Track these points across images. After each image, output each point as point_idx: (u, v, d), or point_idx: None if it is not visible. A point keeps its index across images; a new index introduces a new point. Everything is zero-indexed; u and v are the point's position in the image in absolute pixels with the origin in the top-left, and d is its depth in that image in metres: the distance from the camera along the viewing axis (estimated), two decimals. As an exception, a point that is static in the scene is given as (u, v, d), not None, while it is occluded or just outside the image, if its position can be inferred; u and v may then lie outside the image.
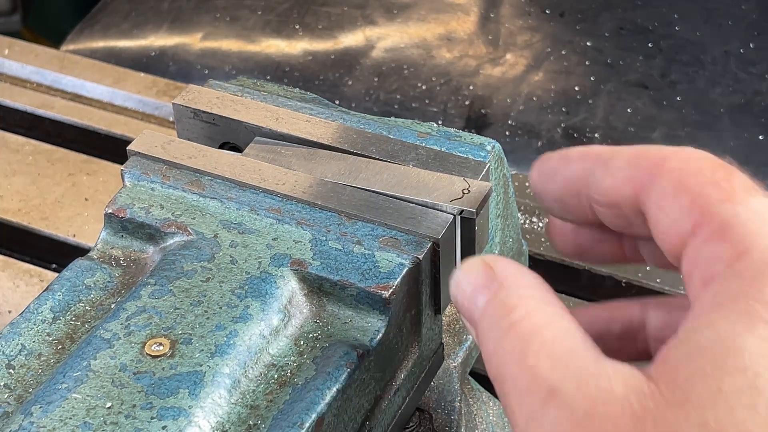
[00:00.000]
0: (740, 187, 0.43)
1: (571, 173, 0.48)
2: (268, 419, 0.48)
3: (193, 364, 0.49)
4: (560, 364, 0.41)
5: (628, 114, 1.05)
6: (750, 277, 0.40)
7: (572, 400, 0.40)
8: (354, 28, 1.16)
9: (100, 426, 0.47)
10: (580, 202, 0.48)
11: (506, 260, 0.47)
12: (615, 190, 0.46)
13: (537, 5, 1.17)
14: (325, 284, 0.52)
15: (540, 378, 0.41)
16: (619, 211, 0.47)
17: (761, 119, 1.03)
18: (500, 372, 0.43)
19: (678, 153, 0.45)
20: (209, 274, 0.53)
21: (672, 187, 0.44)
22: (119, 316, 0.51)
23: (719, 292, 0.41)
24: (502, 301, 0.44)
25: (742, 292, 0.40)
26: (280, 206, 0.55)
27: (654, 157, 0.45)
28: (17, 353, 0.51)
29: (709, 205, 0.42)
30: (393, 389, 0.54)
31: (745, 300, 0.39)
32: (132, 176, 0.58)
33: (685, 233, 0.43)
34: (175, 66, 1.16)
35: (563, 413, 0.40)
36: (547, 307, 0.44)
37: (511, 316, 0.44)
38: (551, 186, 0.49)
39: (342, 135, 0.59)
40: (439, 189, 0.55)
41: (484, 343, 0.45)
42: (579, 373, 0.40)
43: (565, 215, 0.50)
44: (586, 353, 0.42)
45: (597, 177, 0.47)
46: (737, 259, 0.41)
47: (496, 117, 1.05)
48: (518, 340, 0.43)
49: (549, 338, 0.42)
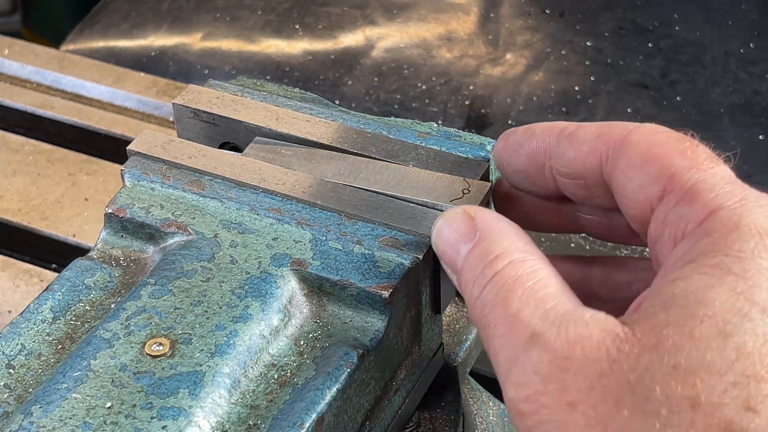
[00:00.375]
0: (704, 156, 0.46)
1: (536, 146, 0.51)
2: (268, 419, 0.48)
3: (193, 364, 0.49)
4: (541, 310, 0.44)
5: (628, 114, 1.05)
6: (719, 235, 0.43)
7: (552, 343, 0.42)
8: (354, 28, 1.16)
9: (100, 426, 0.47)
10: (542, 174, 0.51)
11: (487, 210, 0.50)
12: (580, 161, 0.49)
13: (537, 5, 1.17)
14: (325, 284, 0.52)
15: (522, 323, 0.44)
16: (582, 182, 0.50)
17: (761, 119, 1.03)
18: (484, 318, 0.45)
19: (641, 127, 0.48)
20: (209, 274, 0.53)
21: (640, 157, 0.47)
22: (119, 316, 0.51)
23: (691, 249, 0.43)
24: (484, 250, 0.47)
25: (712, 247, 0.43)
26: (280, 206, 0.55)
27: (618, 131, 0.48)
28: (17, 353, 0.51)
29: (677, 173, 0.46)
30: (393, 389, 0.54)
31: (715, 255, 0.42)
32: (132, 176, 0.58)
33: (652, 198, 0.46)
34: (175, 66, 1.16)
35: (544, 356, 0.42)
36: (528, 256, 0.46)
37: (493, 265, 0.46)
38: (516, 158, 0.52)
39: (342, 135, 0.59)
40: (439, 189, 0.55)
41: (467, 291, 0.47)
42: (559, 319, 0.43)
43: (527, 187, 0.53)
44: (565, 300, 0.44)
45: (562, 149, 0.50)
46: (706, 219, 0.44)
47: (496, 117, 1.05)
48: (500, 288, 0.45)
49: (530, 286, 0.45)
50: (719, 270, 0.42)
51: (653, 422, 0.39)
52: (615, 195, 0.49)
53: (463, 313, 0.63)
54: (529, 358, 0.43)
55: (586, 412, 0.41)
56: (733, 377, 0.39)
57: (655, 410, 0.39)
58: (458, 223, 0.49)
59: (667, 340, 0.40)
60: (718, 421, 0.39)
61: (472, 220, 0.49)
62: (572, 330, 0.42)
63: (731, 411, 0.39)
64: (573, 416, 0.41)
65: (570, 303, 0.44)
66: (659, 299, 0.42)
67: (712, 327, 0.40)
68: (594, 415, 0.40)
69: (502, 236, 0.48)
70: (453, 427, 0.59)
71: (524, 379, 0.42)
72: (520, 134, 0.53)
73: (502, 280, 0.45)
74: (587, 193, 0.51)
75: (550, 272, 0.46)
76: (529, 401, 0.42)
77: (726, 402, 0.39)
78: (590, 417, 0.40)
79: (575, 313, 0.43)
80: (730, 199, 0.44)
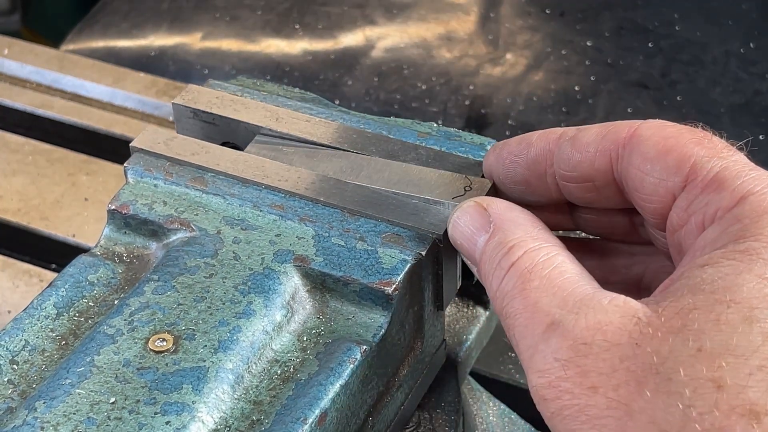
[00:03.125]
0: (721, 145, 0.47)
1: (535, 154, 0.52)
2: (271, 414, 0.48)
3: (197, 360, 0.49)
4: (558, 298, 0.44)
5: (628, 114, 1.05)
6: (749, 220, 0.43)
7: (571, 330, 0.43)
8: (354, 28, 1.16)
9: (104, 421, 0.47)
10: (544, 182, 0.52)
11: (498, 200, 0.50)
12: (587, 163, 0.49)
13: (537, 5, 1.17)
14: (328, 280, 0.52)
15: (541, 312, 0.44)
16: (591, 185, 0.50)
17: (761, 119, 1.03)
18: (505, 309, 0.46)
19: (649, 122, 0.48)
20: (212, 270, 0.53)
21: (655, 150, 0.47)
22: (122, 312, 0.51)
23: (721, 235, 0.44)
24: (500, 241, 0.48)
25: (742, 233, 0.43)
26: (282, 203, 0.56)
27: (625, 129, 0.49)
28: (21, 349, 0.51)
29: (698, 161, 0.46)
30: (396, 385, 0.54)
31: (745, 240, 0.43)
32: (135, 173, 0.58)
33: (675, 188, 0.46)
34: (174, 66, 1.16)
35: (564, 342, 0.42)
36: (543, 244, 0.47)
37: (509, 255, 0.47)
38: (514, 169, 0.52)
39: (342, 135, 0.59)
40: (441, 186, 0.55)
41: (487, 282, 0.48)
42: (577, 306, 0.43)
43: (527, 197, 0.53)
44: (583, 286, 0.44)
45: (565, 154, 0.50)
46: (736, 205, 0.44)
47: (496, 117, 1.05)
48: (518, 278, 0.46)
49: (547, 274, 0.45)
50: (748, 255, 0.42)
51: (676, 403, 0.39)
52: (629, 192, 0.49)
53: (463, 313, 0.63)
54: (549, 345, 0.43)
55: (608, 394, 0.41)
56: (758, 361, 0.39)
57: (679, 391, 0.40)
58: (472, 215, 0.50)
59: (693, 324, 0.41)
60: (743, 402, 0.39)
61: (485, 211, 0.49)
62: (591, 316, 0.43)
63: (756, 393, 0.39)
64: (594, 399, 0.41)
65: (588, 288, 0.44)
66: (687, 283, 0.42)
67: (739, 312, 0.40)
68: (615, 397, 0.41)
69: (516, 225, 0.48)
70: (453, 427, 0.59)
71: (545, 366, 0.43)
72: (515, 145, 0.53)
73: (519, 270, 0.46)
74: (595, 196, 0.51)
75: (566, 258, 0.46)
76: (551, 387, 0.42)
77: (751, 385, 0.39)
78: (611, 399, 0.41)
79: (594, 298, 0.43)
80: (759, 184, 0.44)
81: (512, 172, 0.53)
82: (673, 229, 0.47)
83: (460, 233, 0.50)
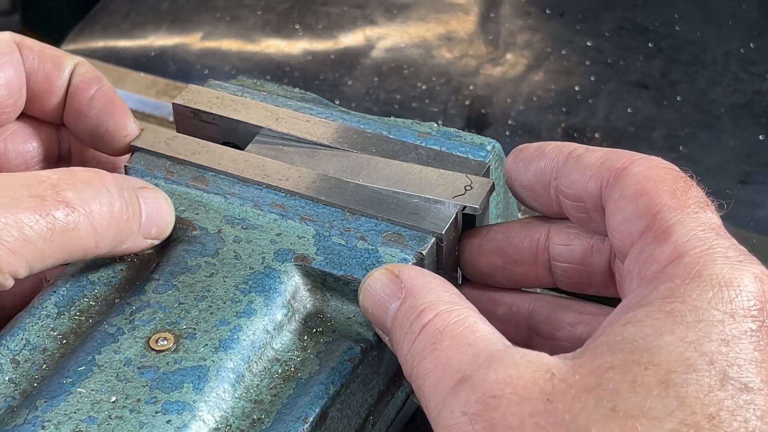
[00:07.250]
0: (693, 200, 0.46)
1: (544, 164, 0.52)
2: (272, 413, 0.48)
3: (198, 359, 0.49)
4: (470, 355, 0.43)
5: (628, 114, 1.05)
6: (680, 281, 0.42)
7: (481, 384, 0.42)
8: (354, 28, 1.16)
9: (105, 420, 0.47)
10: (548, 192, 0.52)
11: (410, 267, 0.50)
12: (581, 184, 0.50)
13: (537, 5, 1.17)
14: (329, 279, 0.53)
15: (451, 369, 0.43)
16: (582, 205, 0.50)
17: (761, 119, 1.03)
18: (415, 369, 0.45)
19: (645, 159, 0.48)
20: (213, 270, 0.53)
21: (632, 189, 0.47)
22: (124, 311, 0.51)
23: (650, 293, 0.43)
24: (412, 306, 0.47)
25: (670, 293, 0.42)
26: (283, 202, 0.56)
27: (622, 160, 0.48)
28: (22, 348, 0.51)
29: (661, 211, 0.45)
30: (396, 385, 0.54)
31: (672, 301, 0.42)
32: (136, 172, 0.58)
33: (635, 233, 0.46)
34: (174, 66, 1.16)
35: (472, 396, 0.42)
36: (455, 306, 0.46)
37: (420, 317, 0.46)
38: (524, 174, 0.53)
39: (342, 135, 0.60)
40: (441, 185, 0.56)
41: (398, 347, 0.47)
42: (488, 361, 0.43)
43: (532, 204, 0.54)
44: (495, 343, 0.44)
45: (567, 170, 0.50)
46: (671, 263, 0.43)
47: (496, 117, 1.05)
48: (429, 339, 0.45)
49: (458, 333, 0.45)
50: (672, 317, 0.41)
51: None
52: (606, 223, 0.48)
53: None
54: (458, 399, 0.42)
55: None
56: (671, 425, 0.39)
57: None
58: (383, 282, 0.49)
59: (608, 384, 0.40)
60: None
61: (396, 278, 0.49)
62: (502, 370, 0.42)
63: None
64: None
65: (500, 344, 0.44)
66: (608, 341, 0.42)
67: (656, 375, 0.40)
68: None
69: (428, 290, 0.47)
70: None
71: (452, 420, 0.42)
72: (531, 151, 0.53)
73: (430, 331, 0.45)
74: (586, 217, 0.51)
75: (478, 319, 0.46)
76: None
77: None
78: None
79: (506, 353, 0.43)
80: (699, 246, 0.43)
81: (522, 176, 0.53)
82: (624, 275, 0.47)
83: (371, 301, 0.49)
